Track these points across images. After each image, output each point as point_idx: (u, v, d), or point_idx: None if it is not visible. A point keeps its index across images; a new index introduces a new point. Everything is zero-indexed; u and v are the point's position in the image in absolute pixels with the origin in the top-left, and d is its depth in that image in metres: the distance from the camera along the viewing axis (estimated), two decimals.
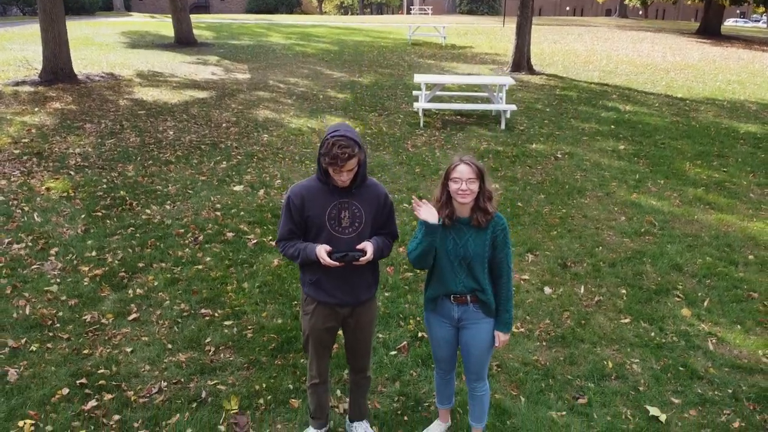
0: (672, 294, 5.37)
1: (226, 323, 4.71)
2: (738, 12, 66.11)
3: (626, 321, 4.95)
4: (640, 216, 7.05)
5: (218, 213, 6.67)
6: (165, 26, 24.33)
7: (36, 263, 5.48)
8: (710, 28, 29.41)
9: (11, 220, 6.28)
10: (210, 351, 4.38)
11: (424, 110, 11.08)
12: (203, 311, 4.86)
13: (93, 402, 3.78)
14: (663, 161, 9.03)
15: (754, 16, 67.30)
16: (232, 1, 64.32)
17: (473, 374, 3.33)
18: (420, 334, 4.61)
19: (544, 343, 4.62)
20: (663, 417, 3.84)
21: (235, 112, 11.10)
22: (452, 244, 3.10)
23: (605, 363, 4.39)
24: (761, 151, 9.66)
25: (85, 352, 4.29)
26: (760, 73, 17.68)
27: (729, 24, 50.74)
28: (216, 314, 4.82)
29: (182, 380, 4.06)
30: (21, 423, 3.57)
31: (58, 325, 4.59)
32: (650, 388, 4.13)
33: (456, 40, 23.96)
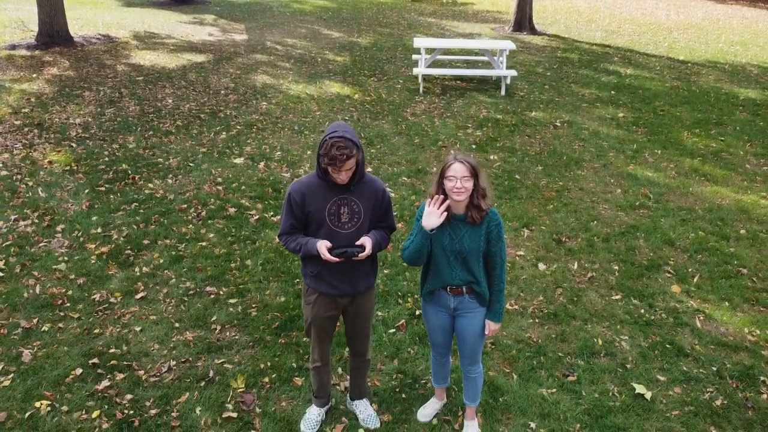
0: (663, 270, 5.52)
1: (231, 301, 4.88)
2: None
3: (617, 297, 5.11)
4: (636, 188, 7.15)
5: (220, 187, 6.77)
6: None
7: (43, 241, 5.61)
8: None
9: (16, 196, 6.38)
10: (216, 329, 4.55)
11: (424, 76, 11.02)
12: (208, 289, 5.02)
13: (106, 382, 3.97)
14: (661, 130, 9.06)
15: None
16: None
17: (467, 358, 3.50)
18: (417, 312, 4.78)
19: (537, 320, 4.80)
20: (648, 395, 4.04)
21: (233, 78, 11.05)
22: (448, 240, 3.21)
23: (595, 340, 4.57)
24: (760, 119, 9.67)
25: (96, 332, 4.46)
26: (764, 34, 17.44)
27: None
28: (221, 292, 4.99)
29: (190, 359, 4.24)
30: (37, 404, 3.77)
31: (69, 305, 4.75)
32: (637, 366, 4.32)
33: None
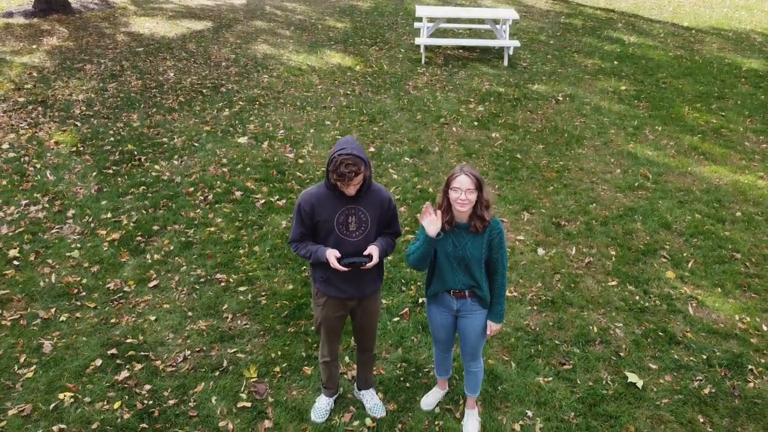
0: (659, 254, 5.68)
1: (241, 289, 5.06)
2: None
3: (613, 284, 5.29)
4: (636, 168, 7.24)
5: (225, 169, 6.87)
6: None
7: (55, 227, 5.75)
8: None
9: (25, 179, 6.49)
10: (228, 318, 4.75)
11: (426, 46, 10.93)
12: (218, 276, 5.19)
13: (125, 373, 4.18)
14: (663, 104, 9.08)
15: None
16: None
17: (469, 355, 3.69)
18: (420, 300, 4.97)
19: (535, 308, 4.99)
20: (640, 383, 4.25)
21: (234, 48, 10.97)
22: (452, 247, 3.35)
23: (591, 328, 4.77)
24: (761, 92, 9.67)
25: (113, 321, 4.65)
26: None
27: None
28: (231, 280, 5.16)
29: (204, 348, 4.45)
30: (61, 395, 3.98)
31: (84, 294, 4.93)
32: (630, 354, 4.53)
33: None
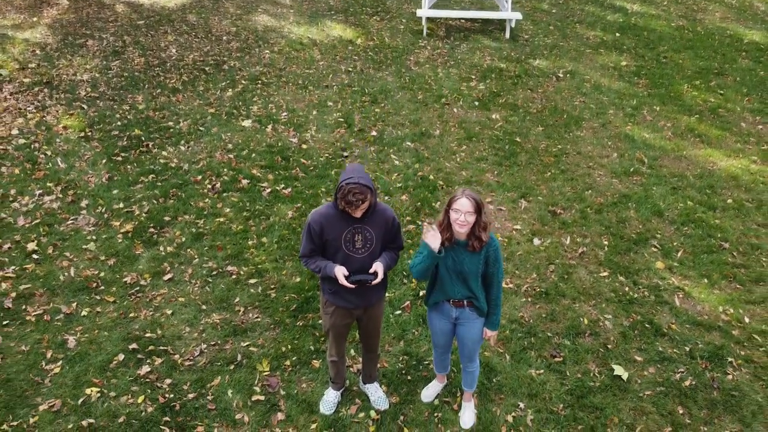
0: (650, 244, 5.93)
1: (251, 282, 5.33)
2: None
3: (605, 275, 5.56)
4: (632, 152, 7.41)
5: (231, 155, 7.04)
6: None
7: (70, 218, 5.98)
8: None
9: (37, 168, 6.68)
10: (240, 311, 5.03)
11: (428, 17, 10.88)
12: (229, 269, 5.45)
13: (146, 367, 4.49)
14: (662, 82, 9.15)
15: None
16: None
17: (466, 358, 3.99)
18: (421, 293, 5.24)
19: (530, 299, 5.27)
20: (625, 375, 4.57)
21: (234, 20, 10.93)
22: (451, 261, 3.59)
23: (581, 320, 5.06)
24: (761, 67, 9.71)
25: (132, 315, 4.94)
26: None
27: None
28: (241, 272, 5.42)
29: (218, 342, 4.75)
30: (88, 390, 4.30)
31: (103, 288, 5.21)
32: (618, 346, 4.84)
33: None
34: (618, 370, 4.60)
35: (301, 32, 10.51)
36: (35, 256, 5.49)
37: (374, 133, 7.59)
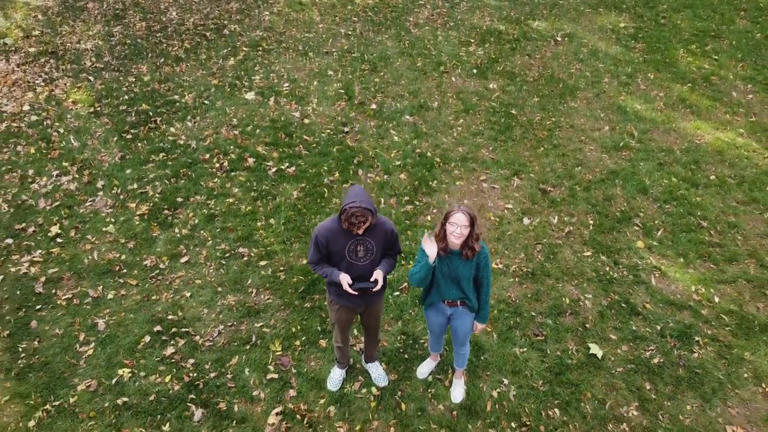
0: (633, 223, 6.33)
1: (261, 263, 5.77)
2: None
3: (588, 254, 5.99)
4: (623, 125, 7.68)
5: (236, 131, 7.32)
6: None
7: (88, 200, 6.35)
8: None
9: (51, 147, 6.98)
10: (252, 293, 5.50)
11: None
12: (241, 250, 5.88)
13: (171, 348, 5.00)
14: (659, 46, 9.26)
15: None
16: None
17: (458, 344, 4.48)
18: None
19: (517, 279, 5.73)
20: (600, 353, 5.08)
21: None
22: (446, 268, 4.02)
23: (564, 300, 5.54)
24: (758, 29, 9.77)
25: (154, 298, 5.42)
26: None
27: None
28: (252, 254, 5.86)
29: (235, 323, 5.24)
30: (120, 371, 4.82)
31: (125, 271, 5.65)
32: (595, 325, 5.33)
33: None
34: (594, 349, 5.11)
35: None
36: (59, 240, 5.91)
37: (374, 106, 7.83)
